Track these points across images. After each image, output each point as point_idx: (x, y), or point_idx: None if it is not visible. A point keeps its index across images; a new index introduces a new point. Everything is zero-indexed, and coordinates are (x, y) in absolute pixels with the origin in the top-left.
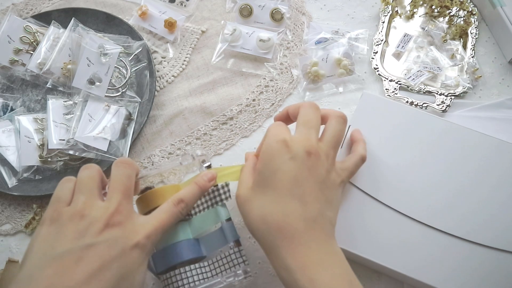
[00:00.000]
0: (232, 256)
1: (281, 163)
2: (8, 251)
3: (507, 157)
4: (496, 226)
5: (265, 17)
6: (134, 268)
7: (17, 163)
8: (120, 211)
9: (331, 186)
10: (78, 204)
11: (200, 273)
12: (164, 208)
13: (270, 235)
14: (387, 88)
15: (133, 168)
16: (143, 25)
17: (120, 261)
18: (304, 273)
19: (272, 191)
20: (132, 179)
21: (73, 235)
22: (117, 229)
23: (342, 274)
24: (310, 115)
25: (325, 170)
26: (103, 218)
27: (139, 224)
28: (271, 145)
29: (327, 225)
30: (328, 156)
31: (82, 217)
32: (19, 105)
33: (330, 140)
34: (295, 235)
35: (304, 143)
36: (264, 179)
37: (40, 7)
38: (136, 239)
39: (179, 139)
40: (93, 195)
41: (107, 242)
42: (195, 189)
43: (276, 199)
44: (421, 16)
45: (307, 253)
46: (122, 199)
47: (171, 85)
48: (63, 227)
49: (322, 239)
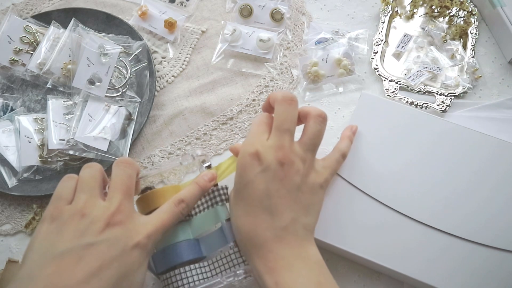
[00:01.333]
0: (232, 256)
1: (253, 176)
2: (8, 251)
3: (507, 157)
4: (496, 226)
5: (265, 17)
6: (135, 268)
7: (17, 163)
8: (121, 211)
9: (309, 190)
10: (79, 203)
11: (200, 273)
12: (165, 208)
13: (244, 243)
14: (387, 88)
15: (133, 168)
16: (143, 25)
17: (120, 260)
18: (271, 277)
19: (244, 204)
20: (133, 178)
21: (73, 234)
22: (118, 228)
23: (309, 275)
24: (284, 115)
25: (300, 176)
26: (104, 217)
27: (140, 224)
28: (244, 158)
29: (300, 230)
30: (305, 160)
31: (83, 216)
32: (19, 105)
33: (308, 143)
34: (263, 244)
35: (277, 153)
36: (238, 191)
37: (40, 7)
38: (137, 238)
39: (179, 139)
40: (94, 194)
41: (107, 241)
42: (196, 189)
43: (248, 211)
44: (421, 16)
45: (275, 259)
46: (123, 199)
47: (171, 85)
48: (64, 226)
49: (293, 245)
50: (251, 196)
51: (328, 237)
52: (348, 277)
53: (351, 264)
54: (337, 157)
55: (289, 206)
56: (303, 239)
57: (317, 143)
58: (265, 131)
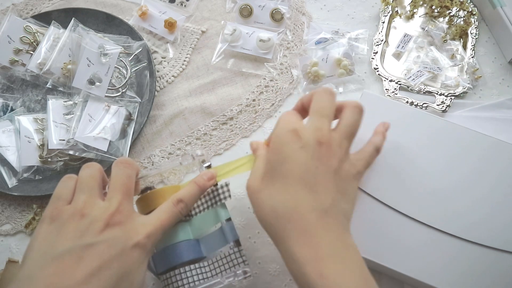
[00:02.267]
0: (232, 256)
1: (291, 152)
2: (8, 251)
3: (506, 157)
4: (495, 226)
5: (265, 17)
6: (134, 268)
7: (17, 163)
8: (121, 211)
9: (345, 177)
10: (79, 203)
11: (200, 273)
12: (164, 208)
13: (280, 226)
14: (387, 88)
15: (133, 168)
16: (143, 25)
17: (120, 260)
18: (314, 267)
19: (282, 181)
20: (132, 179)
21: (73, 234)
22: (117, 228)
23: (356, 270)
24: (324, 102)
25: (337, 160)
26: (103, 217)
27: (139, 224)
28: (281, 134)
29: (341, 217)
30: (341, 147)
31: (82, 216)
32: (19, 105)
33: (344, 130)
34: (306, 226)
35: (316, 132)
36: (273, 168)
37: (40, 7)
38: (137, 238)
39: (179, 139)
40: (94, 194)
41: (107, 241)
42: (195, 189)
43: (286, 189)
44: (421, 16)
45: (319, 246)
46: (122, 199)
47: (171, 85)
48: (64, 226)
49: (335, 231)
50: (291, 171)
51: None
52: None
53: None
54: (371, 150)
55: (328, 188)
56: (344, 227)
57: (353, 132)
58: (298, 118)
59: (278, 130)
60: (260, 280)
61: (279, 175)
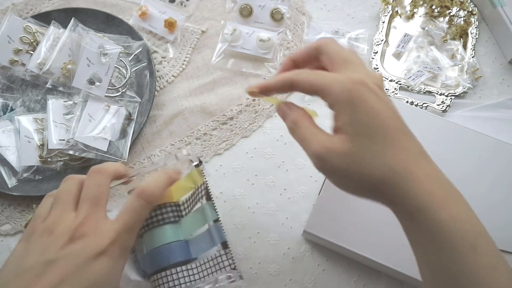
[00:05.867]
0: (218, 258)
1: (374, 103)
2: (8, 251)
3: (506, 157)
4: (494, 226)
5: (265, 17)
6: (103, 277)
7: (17, 163)
8: (85, 223)
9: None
10: (50, 219)
11: (187, 275)
12: (126, 208)
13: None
14: (387, 88)
15: (105, 175)
16: (143, 25)
17: (83, 273)
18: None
19: (383, 136)
20: (103, 186)
21: (37, 251)
22: (79, 242)
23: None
24: (346, 51)
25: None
26: (67, 232)
27: (103, 232)
28: (353, 89)
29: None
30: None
31: (50, 233)
32: (19, 105)
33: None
34: (425, 172)
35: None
36: (364, 126)
37: (40, 7)
38: (100, 248)
39: (179, 139)
40: (66, 209)
41: (68, 256)
42: (162, 176)
43: (393, 143)
44: (421, 16)
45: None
46: (89, 209)
47: (171, 85)
48: (32, 244)
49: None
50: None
51: (328, 234)
52: (348, 277)
53: (351, 264)
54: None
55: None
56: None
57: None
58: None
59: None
60: (260, 280)
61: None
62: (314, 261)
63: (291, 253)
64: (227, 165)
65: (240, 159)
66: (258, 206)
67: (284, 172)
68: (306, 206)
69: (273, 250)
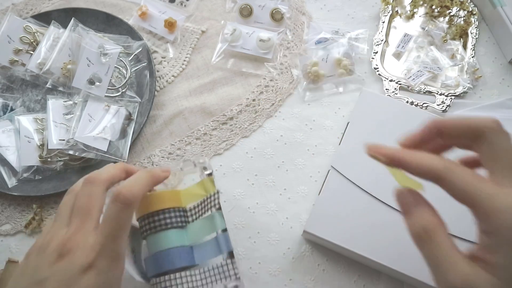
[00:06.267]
0: (224, 267)
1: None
2: (8, 251)
3: None
4: None
5: (265, 17)
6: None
7: (17, 163)
8: (73, 238)
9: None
10: (48, 236)
11: (190, 281)
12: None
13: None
14: (387, 88)
15: (96, 184)
16: (143, 25)
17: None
18: None
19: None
20: (94, 196)
21: (32, 269)
22: (66, 259)
23: None
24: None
25: None
26: (57, 249)
27: (89, 246)
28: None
29: None
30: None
31: (44, 251)
32: (19, 105)
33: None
34: None
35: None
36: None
37: (40, 7)
38: (86, 262)
39: (179, 139)
40: (60, 225)
41: (55, 275)
42: (143, 175)
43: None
44: (421, 16)
45: None
46: (79, 223)
47: (171, 85)
48: (29, 262)
49: None
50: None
51: (328, 234)
52: (348, 277)
53: (351, 264)
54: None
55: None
56: None
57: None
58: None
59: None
60: (260, 280)
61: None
62: (314, 261)
63: (291, 253)
64: (227, 165)
65: (240, 159)
66: (258, 206)
67: (284, 172)
68: (306, 206)
69: (273, 250)
